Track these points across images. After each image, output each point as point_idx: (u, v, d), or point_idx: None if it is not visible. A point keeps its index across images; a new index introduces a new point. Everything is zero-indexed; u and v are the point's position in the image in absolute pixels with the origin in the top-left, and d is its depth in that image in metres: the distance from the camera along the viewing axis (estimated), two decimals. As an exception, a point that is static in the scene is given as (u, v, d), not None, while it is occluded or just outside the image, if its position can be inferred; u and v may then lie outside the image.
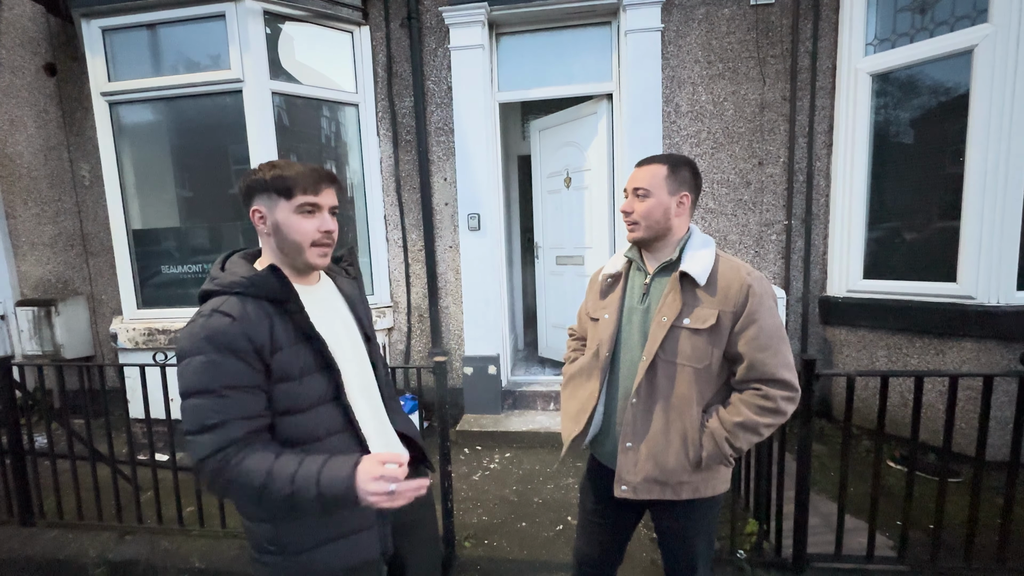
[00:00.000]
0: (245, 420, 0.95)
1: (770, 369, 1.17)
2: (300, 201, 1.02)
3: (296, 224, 1.03)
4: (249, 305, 0.98)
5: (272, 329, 0.99)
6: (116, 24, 3.14)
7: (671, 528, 1.35)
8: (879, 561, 1.91)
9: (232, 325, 0.95)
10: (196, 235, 3.43)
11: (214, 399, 0.93)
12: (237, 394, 0.94)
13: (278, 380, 0.99)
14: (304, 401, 1.02)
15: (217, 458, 0.92)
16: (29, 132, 3.85)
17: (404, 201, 3.62)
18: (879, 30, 3.00)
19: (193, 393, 0.94)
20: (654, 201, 1.25)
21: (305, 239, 1.04)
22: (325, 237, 1.05)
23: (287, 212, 1.02)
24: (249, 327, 0.96)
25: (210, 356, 0.93)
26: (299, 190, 1.02)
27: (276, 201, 1.03)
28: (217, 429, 0.92)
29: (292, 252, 1.06)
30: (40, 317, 3.78)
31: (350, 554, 1.06)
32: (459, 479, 2.88)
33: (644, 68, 3.23)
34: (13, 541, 2.26)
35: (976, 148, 2.59)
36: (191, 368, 0.94)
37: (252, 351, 0.96)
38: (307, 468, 0.93)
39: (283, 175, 1.02)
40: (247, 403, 0.95)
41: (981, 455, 1.78)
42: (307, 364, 1.02)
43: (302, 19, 3.29)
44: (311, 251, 1.05)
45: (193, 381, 0.93)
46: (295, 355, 1.01)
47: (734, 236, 3.39)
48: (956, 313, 2.69)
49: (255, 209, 1.05)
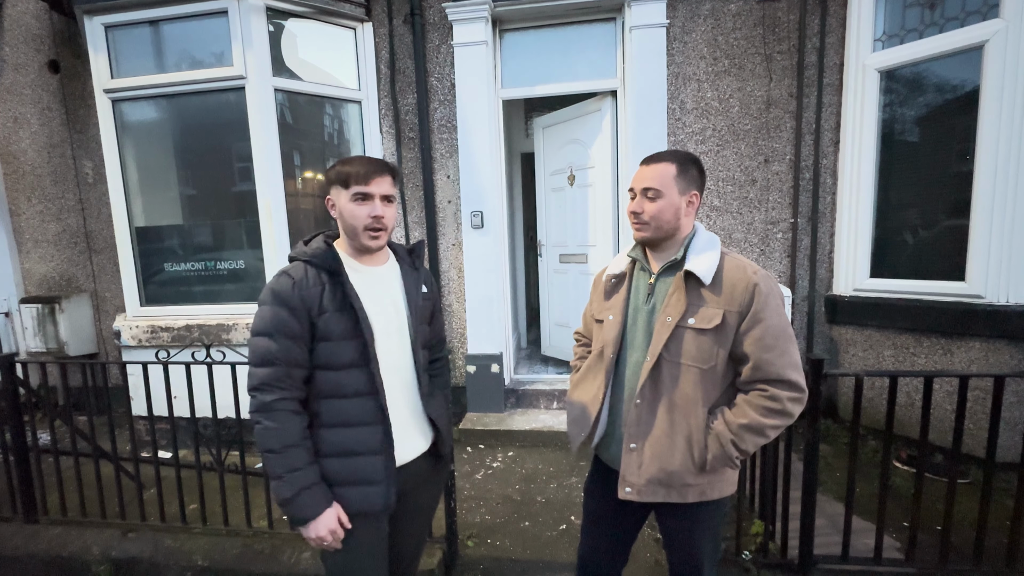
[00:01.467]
0: (287, 365, 1.16)
1: (776, 369, 1.15)
2: (355, 191, 1.20)
3: (352, 210, 1.21)
4: (310, 271, 1.20)
5: (322, 294, 1.19)
6: (119, 21, 3.13)
7: (676, 530, 1.33)
8: (887, 563, 1.89)
9: (292, 286, 1.17)
10: (199, 232, 3.43)
11: (270, 340, 1.15)
12: (285, 341, 1.15)
13: (320, 339, 1.19)
14: (338, 361, 1.20)
15: (262, 391, 1.15)
16: (33, 129, 3.85)
17: (407, 199, 3.60)
18: (888, 26, 2.96)
19: (257, 333, 1.17)
20: (665, 202, 1.22)
21: (359, 223, 1.21)
22: (375, 222, 1.21)
23: (346, 200, 1.21)
24: (304, 290, 1.17)
25: (272, 307, 1.17)
26: (353, 180, 1.19)
27: (340, 191, 1.22)
28: (267, 365, 1.15)
29: (351, 234, 1.24)
30: (44, 314, 3.79)
31: (357, 501, 1.21)
32: (462, 478, 2.87)
33: (649, 65, 3.20)
34: (17, 538, 2.26)
35: (986, 145, 2.55)
36: (260, 315, 1.18)
37: (303, 309, 1.17)
38: (303, 476, 1.15)
39: (343, 169, 1.21)
40: (292, 350, 1.16)
41: (992, 456, 1.76)
42: (345, 329, 1.20)
43: (305, 15, 3.27)
44: (364, 234, 1.22)
45: (259, 324, 1.17)
46: (337, 320, 1.19)
47: (739, 234, 3.37)
48: (965, 312, 2.65)
49: (328, 198, 1.26)
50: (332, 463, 1.20)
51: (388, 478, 1.24)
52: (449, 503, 2.08)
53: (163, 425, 3.29)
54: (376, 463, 1.22)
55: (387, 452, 1.24)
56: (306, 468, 1.15)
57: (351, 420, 1.21)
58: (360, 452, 1.21)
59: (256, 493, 2.42)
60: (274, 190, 3.18)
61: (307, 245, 1.27)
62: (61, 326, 3.80)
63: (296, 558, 2.06)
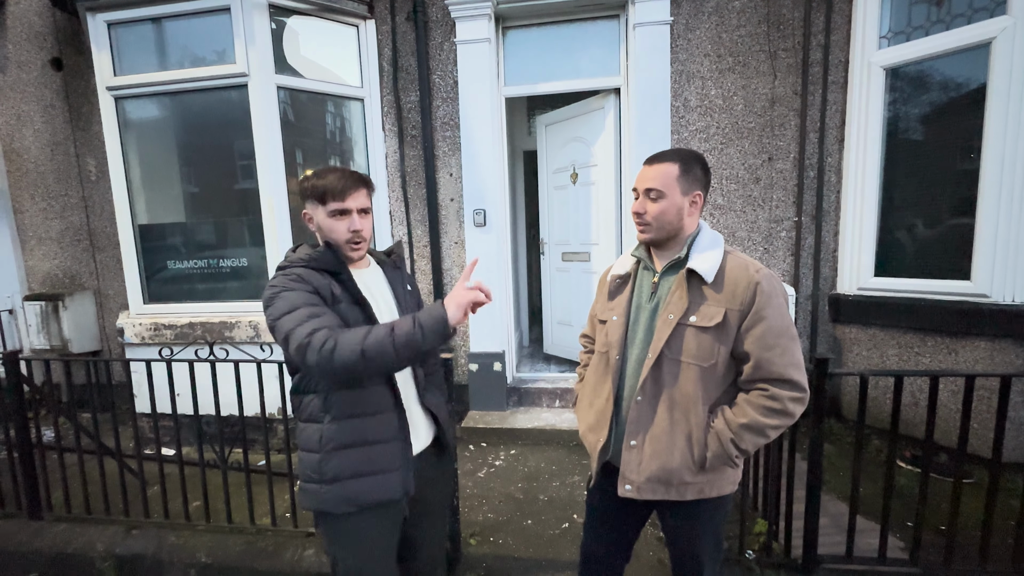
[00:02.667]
0: (326, 326, 1.10)
1: (777, 368, 1.14)
2: (332, 207, 1.21)
3: (331, 225, 1.23)
4: (314, 274, 1.20)
5: (332, 288, 1.20)
6: (121, 18, 3.13)
7: (677, 528, 1.33)
8: (891, 563, 1.88)
9: (298, 278, 1.18)
10: (202, 230, 3.43)
11: (298, 311, 1.12)
12: (315, 308, 1.13)
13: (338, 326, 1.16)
14: None
15: (315, 336, 1.06)
16: (36, 127, 3.86)
17: (409, 197, 3.60)
18: (893, 23, 2.94)
19: (287, 311, 1.12)
20: (667, 203, 1.22)
21: (340, 238, 1.24)
22: (355, 236, 1.24)
23: (323, 216, 1.23)
24: (315, 281, 1.18)
25: (294, 288, 1.15)
26: (330, 197, 1.21)
27: (316, 206, 1.24)
28: (313, 319, 1.11)
29: (334, 246, 1.26)
30: (48, 312, 3.80)
31: (378, 490, 1.23)
32: (464, 476, 2.87)
33: (653, 62, 3.19)
34: (22, 534, 2.27)
35: (992, 143, 2.53)
36: (281, 298, 1.14)
37: (318, 293, 1.17)
38: (402, 322, 1.08)
39: (316, 184, 1.22)
40: (325, 314, 1.14)
41: (998, 456, 1.75)
42: (358, 320, 1.21)
43: (307, 13, 3.26)
44: (346, 246, 1.25)
45: (284, 304, 1.13)
46: (350, 311, 1.21)
47: (743, 232, 3.35)
48: (970, 312, 2.64)
49: (305, 212, 1.28)
50: (349, 454, 1.22)
51: (406, 464, 1.26)
52: (452, 501, 2.08)
53: (166, 422, 3.30)
54: (394, 449, 1.25)
55: (404, 438, 1.27)
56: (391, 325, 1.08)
57: (367, 410, 1.23)
58: (377, 440, 1.23)
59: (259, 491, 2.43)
60: (276, 188, 3.18)
61: (295, 252, 1.28)
62: (64, 323, 3.81)
63: (299, 555, 2.07)
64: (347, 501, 1.21)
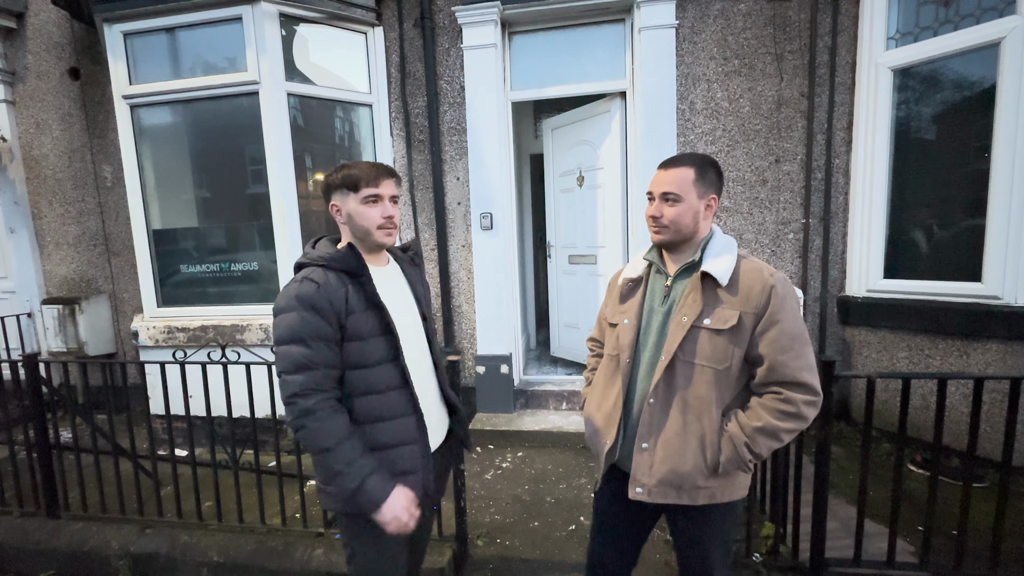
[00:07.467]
0: (324, 368, 1.16)
1: (791, 372, 1.14)
2: (365, 193, 1.22)
3: (363, 212, 1.23)
4: (331, 275, 1.20)
5: (347, 296, 1.20)
6: (137, 28, 3.21)
7: (686, 533, 1.32)
8: (900, 567, 1.87)
9: (318, 290, 1.16)
10: (214, 235, 3.50)
11: (302, 346, 1.14)
12: (319, 344, 1.16)
13: (350, 339, 1.20)
14: (369, 358, 1.22)
15: (297, 403, 1.14)
16: (54, 135, 3.96)
17: (417, 201, 3.64)
18: (901, 23, 2.92)
19: (286, 341, 1.15)
20: (684, 206, 1.23)
21: (372, 224, 1.24)
22: (387, 222, 1.25)
23: (356, 203, 1.24)
24: (330, 292, 1.18)
25: (300, 313, 1.15)
26: (363, 184, 1.22)
27: (347, 195, 1.24)
28: (304, 371, 1.14)
29: (362, 235, 1.27)
30: (64, 315, 3.88)
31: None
32: (472, 478, 2.89)
33: (658, 65, 3.20)
34: (40, 532, 2.33)
35: (1003, 144, 2.51)
36: (285, 322, 1.15)
37: (331, 312, 1.17)
38: (362, 464, 1.16)
39: (350, 173, 1.23)
40: (326, 353, 1.17)
41: (1008, 460, 1.73)
42: (373, 327, 1.23)
43: (316, 21, 3.32)
44: (378, 232, 1.25)
45: (286, 332, 1.15)
46: (364, 319, 1.22)
47: (750, 235, 3.34)
48: (981, 314, 2.61)
49: (332, 204, 1.28)
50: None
51: (426, 465, 1.29)
52: (459, 503, 2.09)
53: (180, 423, 3.36)
54: (414, 451, 1.27)
55: (422, 440, 1.29)
56: (363, 456, 1.17)
57: (385, 414, 1.25)
58: (396, 444, 1.25)
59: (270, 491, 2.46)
60: (287, 192, 3.23)
61: (315, 248, 1.29)
62: (81, 326, 3.89)
63: (309, 555, 2.09)
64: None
